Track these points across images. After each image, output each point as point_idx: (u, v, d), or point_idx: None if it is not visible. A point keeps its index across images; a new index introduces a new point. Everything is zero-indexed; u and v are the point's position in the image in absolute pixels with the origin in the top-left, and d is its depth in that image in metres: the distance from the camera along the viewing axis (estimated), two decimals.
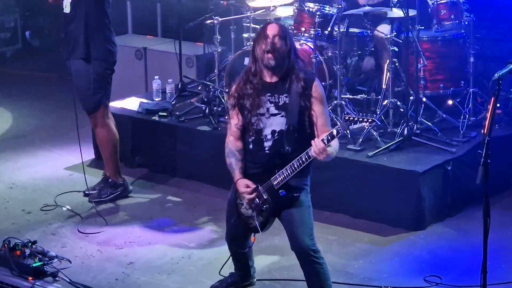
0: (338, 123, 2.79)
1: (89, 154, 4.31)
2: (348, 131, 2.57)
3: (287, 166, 2.45)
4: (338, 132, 2.33)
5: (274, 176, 2.48)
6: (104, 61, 3.62)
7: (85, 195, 3.82)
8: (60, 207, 3.76)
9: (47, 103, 5.77)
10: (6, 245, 3.02)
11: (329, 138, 2.32)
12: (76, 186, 3.97)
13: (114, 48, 3.61)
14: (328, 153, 2.35)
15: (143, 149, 4.34)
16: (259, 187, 2.54)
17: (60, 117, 5.21)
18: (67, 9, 3.59)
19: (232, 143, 2.60)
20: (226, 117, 3.44)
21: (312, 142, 2.35)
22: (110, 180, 3.75)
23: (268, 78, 2.50)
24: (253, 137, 2.56)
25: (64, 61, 4.16)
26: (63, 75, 5.23)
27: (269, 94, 2.52)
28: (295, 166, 2.44)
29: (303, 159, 2.41)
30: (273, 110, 2.51)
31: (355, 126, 2.41)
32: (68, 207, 3.74)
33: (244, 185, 2.51)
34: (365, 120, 2.37)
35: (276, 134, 2.52)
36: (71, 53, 3.65)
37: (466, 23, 4.11)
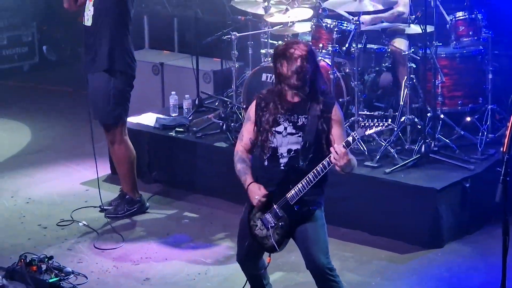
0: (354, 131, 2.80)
1: (105, 169, 4.39)
2: (365, 136, 2.56)
3: (302, 180, 2.46)
4: (354, 139, 2.35)
5: (289, 191, 2.50)
6: (125, 74, 3.66)
7: (101, 210, 3.86)
8: (76, 223, 3.80)
9: (64, 117, 5.92)
10: (22, 260, 3.06)
11: (345, 145, 2.34)
12: (92, 201, 4.05)
13: (134, 63, 3.67)
14: (349, 158, 2.36)
15: (159, 164, 4.41)
16: (274, 205, 2.55)
17: (77, 131, 5.29)
18: (88, 22, 3.65)
19: (242, 153, 2.65)
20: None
21: (331, 149, 2.35)
22: (127, 196, 3.80)
23: (290, 97, 2.54)
24: (268, 154, 2.57)
25: (80, 75, 4.22)
26: (80, 89, 5.35)
27: (289, 113, 2.55)
28: (310, 178, 2.44)
29: (319, 170, 2.42)
30: (290, 129, 2.54)
31: (371, 131, 2.41)
32: (84, 223, 3.77)
33: (258, 186, 2.53)
34: (381, 124, 2.36)
35: (293, 152, 2.54)
36: (91, 65, 3.68)
37: (484, 39, 4.12)
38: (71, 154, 5.15)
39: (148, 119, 4.57)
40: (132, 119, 4.32)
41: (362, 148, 3.69)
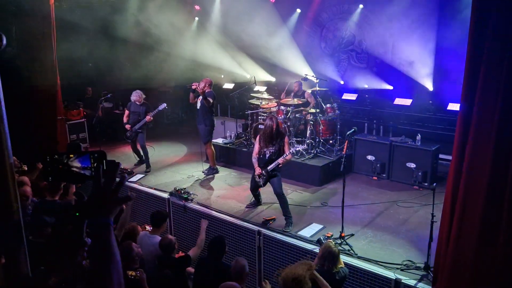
0: (290, 151, 6.21)
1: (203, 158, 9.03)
2: (295, 149, 6.89)
3: (273, 163, 6.07)
4: (290, 152, 6.04)
5: (269, 166, 6.07)
6: (213, 126, 8.49)
7: (203, 172, 8.62)
8: (194, 176, 8.47)
9: (193, 141, 10.61)
10: (175, 188, 7.23)
11: (287, 154, 6.03)
12: (200, 168, 8.70)
13: (214, 122, 8.47)
14: (288, 157, 6.06)
15: (224, 155, 9.24)
16: (263, 170, 6.19)
17: (196, 145, 9.76)
18: (198, 106, 8.42)
19: (254, 155, 6.30)
20: (253, 145, 7.95)
21: (285, 154, 6.00)
22: (212, 167, 8.67)
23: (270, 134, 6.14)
24: (262, 153, 6.24)
25: (195, 124, 8.87)
26: (196, 131, 9.83)
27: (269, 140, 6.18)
28: (276, 162, 6.02)
29: (279, 161, 6.03)
30: (270, 146, 6.15)
31: (297, 148, 7.12)
32: (198, 176, 8.41)
33: (259, 169, 6.19)
34: (301, 146, 7.10)
35: (271, 154, 6.12)
36: (201, 122, 8.32)
37: (337, 114, 8.75)
38: (192, 154, 9.91)
39: (219, 140, 9.57)
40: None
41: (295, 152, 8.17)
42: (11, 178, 1.17)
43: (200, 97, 8.01)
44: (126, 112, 9.04)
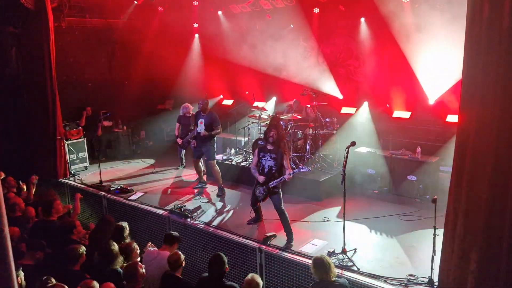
0: (292, 169, 6.01)
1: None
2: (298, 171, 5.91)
3: (274, 180, 5.95)
4: (294, 172, 5.82)
5: (270, 182, 6.00)
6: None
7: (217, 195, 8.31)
8: (194, 193, 8.53)
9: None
10: (175, 206, 7.23)
11: (290, 173, 5.78)
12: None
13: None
14: (290, 177, 5.83)
15: (227, 173, 8.96)
16: (264, 186, 6.06)
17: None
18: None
19: (253, 166, 6.24)
20: (251, 157, 8.15)
21: (290, 173, 5.78)
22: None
23: (269, 146, 6.11)
24: (261, 166, 6.11)
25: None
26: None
27: (269, 153, 6.08)
28: (277, 179, 5.92)
29: (281, 178, 5.90)
30: (269, 158, 6.09)
31: (302, 170, 6.06)
32: (198, 193, 8.40)
33: (262, 177, 6.05)
34: (301, 167, 6.36)
35: (270, 168, 6.01)
36: (202, 143, 8.52)
37: (336, 126, 9.21)
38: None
39: (218, 157, 9.65)
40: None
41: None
42: None
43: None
44: (177, 125, 9.61)
